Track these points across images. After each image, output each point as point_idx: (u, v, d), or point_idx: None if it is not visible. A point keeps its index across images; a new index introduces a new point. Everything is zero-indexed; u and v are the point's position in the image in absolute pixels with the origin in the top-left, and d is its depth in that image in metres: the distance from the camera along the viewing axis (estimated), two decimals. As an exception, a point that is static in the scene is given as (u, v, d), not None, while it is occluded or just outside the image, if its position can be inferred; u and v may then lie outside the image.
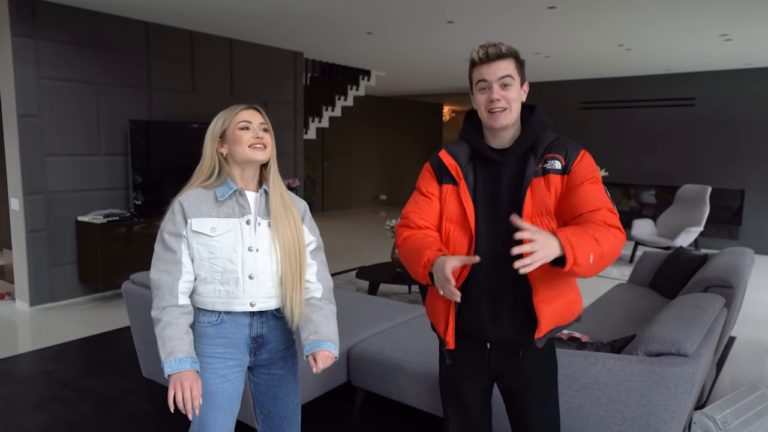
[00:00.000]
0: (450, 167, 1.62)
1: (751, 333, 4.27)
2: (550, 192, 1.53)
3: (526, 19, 4.88)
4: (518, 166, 1.58)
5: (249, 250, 1.61)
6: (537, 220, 1.52)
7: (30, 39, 4.47)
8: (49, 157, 4.65)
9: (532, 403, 1.67)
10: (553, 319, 1.56)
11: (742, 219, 7.61)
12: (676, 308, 2.40)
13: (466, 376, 1.70)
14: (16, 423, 2.81)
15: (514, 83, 1.53)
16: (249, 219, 1.63)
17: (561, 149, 1.56)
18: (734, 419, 2.28)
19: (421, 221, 1.64)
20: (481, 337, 1.62)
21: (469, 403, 1.72)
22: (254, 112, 1.65)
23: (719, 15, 4.65)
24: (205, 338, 1.64)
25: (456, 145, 1.67)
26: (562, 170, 1.54)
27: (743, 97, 7.50)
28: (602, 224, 1.45)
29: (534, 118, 1.60)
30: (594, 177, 1.53)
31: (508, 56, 1.53)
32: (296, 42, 6.22)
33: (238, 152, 1.62)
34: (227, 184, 1.64)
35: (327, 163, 11.31)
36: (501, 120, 1.54)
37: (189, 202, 1.61)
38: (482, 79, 1.54)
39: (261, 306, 1.64)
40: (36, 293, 4.68)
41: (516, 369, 1.64)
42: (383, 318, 3.23)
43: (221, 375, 1.64)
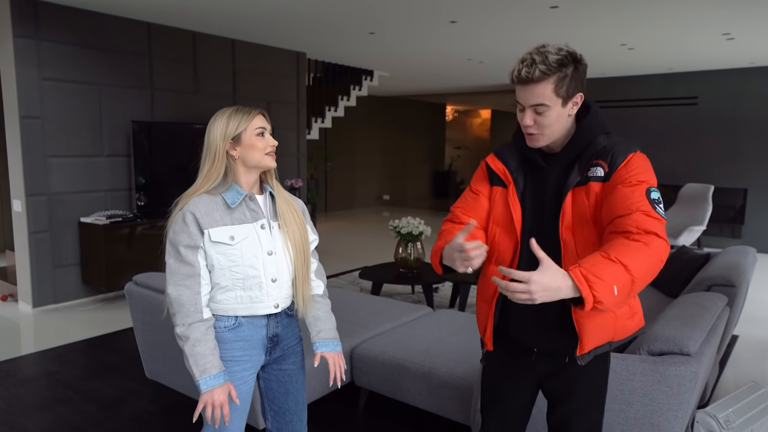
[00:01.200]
0: (498, 172, 1.57)
1: (753, 332, 4.26)
2: (589, 201, 1.44)
3: (528, 18, 4.88)
4: (563, 174, 1.50)
5: (268, 254, 1.63)
6: (577, 231, 1.45)
7: (32, 40, 4.49)
8: (51, 158, 4.66)
9: (574, 410, 1.59)
10: (597, 336, 1.47)
11: (745, 218, 7.59)
12: (679, 307, 2.40)
13: (507, 381, 1.65)
14: (19, 425, 2.82)
15: (548, 110, 1.40)
16: (263, 223, 1.64)
17: (606, 155, 1.44)
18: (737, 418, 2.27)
19: (465, 217, 1.59)
20: (527, 343, 1.57)
21: (510, 408, 1.66)
22: (264, 119, 1.67)
23: (722, 14, 4.64)
24: (223, 343, 1.63)
25: (506, 148, 1.61)
26: (604, 177, 1.43)
27: (746, 96, 7.48)
28: (632, 234, 1.31)
29: (585, 123, 1.48)
30: (634, 179, 1.39)
31: (545, 78, 1.37)
32: (299, 42, 6.23)
33: (254, 158, 1.62)
34: (235, 190, 1.62)
35: (330, 164, 11.32)
36: (534, 143, 1.47)
37: (200, 212, 1.57)
38: (518, 101, 1.45)
39: (283, 305, 1.69)
40: (39, 295, 4.69)
41: (563, 374, 1.56)
42: (387, 318, 3.23)
43: (239, 378, 1.66)
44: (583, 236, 1.45)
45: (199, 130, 5.42)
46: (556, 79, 1.38)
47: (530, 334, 1.55)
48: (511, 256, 1.54)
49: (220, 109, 1.67)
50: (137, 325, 2.94)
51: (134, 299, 2.89)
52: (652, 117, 8.18)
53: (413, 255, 4.57)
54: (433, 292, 4.74)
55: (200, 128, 5.43)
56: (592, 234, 1.45)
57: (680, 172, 7.94)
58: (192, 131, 5.45)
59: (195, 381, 1.56)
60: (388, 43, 6.12)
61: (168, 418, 2.89)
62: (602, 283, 1.22)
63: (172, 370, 2.80)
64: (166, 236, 1.64)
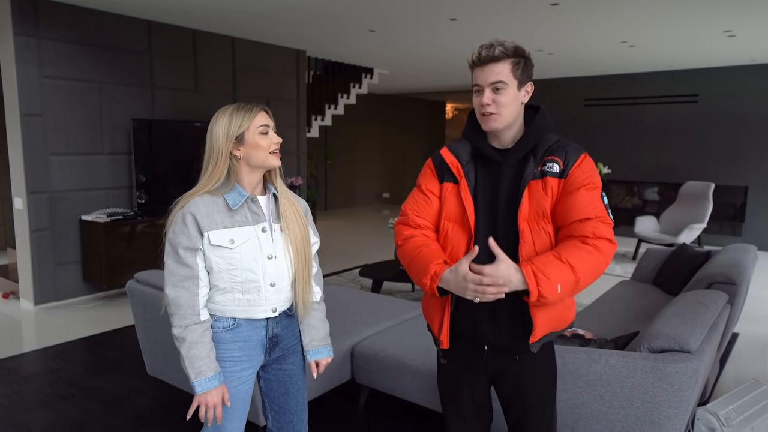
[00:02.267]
0: (451, 165, 1.60)
1: (754, 329, 4.27)
2: (547, 195, 1.51)
3: (529, 16, 4.87)
4: (518, 167, 1.56)
5: (268, 258, 1.61)
6: (534, 223, 1.52)
7: (32, 38, 4.48)
8: (52, 156, 4.66)
9: (529, 406, 1.65)
10: (547, 325, 1.55)
11: (745, 216, 7.59)
12: (680, 305, 2.41)
13: (464, 378, 1.68)
14: (21, 422, 2.83)
15: (507, 87, 1.50)
16: (264, 227, 1.61)
17: (560, 152, 1.53)
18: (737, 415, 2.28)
19: (420, 220, 1.64)
20: (478, 340, 1.61)
21: (468, 407, 1.70)
22: (267, 115, 1.63)
23: (723, 11, 4.63)
24: (221, 343, 1.62)
25: (458, 143, 1.65)
26: (559, 174, 1.52)
27: (747, 94, 7.47)
28: (587, 239, 1.45)
29: (537, 120, 1.57)
30: (591, 183, 1.51)
31: (503, 59, 1.49)
32: (299, 40, 6.23)
33: (258, 157, 1.58)
34: (237, 191, 1.59)
35: (330, 162, 11.32)
36: (490, 124, 1.53)
37: (201, 213, 1.54)
38: (476, 83, 1.53)
39: (281, 309, 1.67)
40: (40, 292, 4.70)
41: (513, 371, 1.62)
42: (387, 316, 3.24)
43: (237, 378, 1.64)
44: (539, 227, 1.51)
45: (199, 128, 5.46)
46: (512, 61, 1.50)
47: (483, 329, 1.59)
48: (465, 250, 1.56)
49: (221, 108, 1.62)
50: (139, 322, 2.95)
51: (136, 297, 2.89)
52: (653, 115, 8.17)
53: (414, 253, 4.57)
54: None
55: (200, 126, 5.45)
56: (548, 226, 1.52)
57: (681, 170, 7.94)
58: (192, 129, 5.45)
59: (190, 382, 1.56)
60: (389, 40, 6.12)
61: (169, 415, 2.90)
62: (548, 281, 1.40)
63: (173, 367, 2.81)
64: (165, 236, 1.60)
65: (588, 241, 1.46)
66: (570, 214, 1.49)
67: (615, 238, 1.49)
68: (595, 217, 1.48)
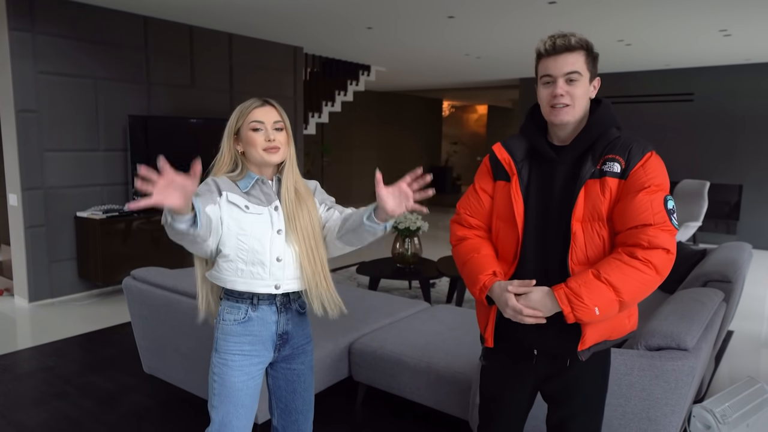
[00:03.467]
0: (503, 161, 1.55)
1: (748, 327, 4.29)
2: (605, 197, 1.42)
3: (527, 14, 4.87)
4: (574, 165, 1.47)
5: (278, 233, 1.60)
6: (588, 225, 1.43)
7: (28, 33, 4.45)
8: (47, 152, 4.63)
9: (574, 413, 1.57)
10: (598, 333, 1.47)
11: (740, 214, 7.62)
12: (676, 303, 2.41)
13: (509, 382, 1.62)
14: (16, 419, 2.81)
15: (581, 79, 1.43)
16: (277, 205, 1.62)
17: (623, 150, 1.42)
18: (733, 412, 2.29)
19: (472, 219, 1.62)
20: (526, 343, 1.55)
21: (510, 410, 1.64)
22: (268, 110, 1.60)
23: (719, 11, 4.65)
24: (232, 336, 1.62)
25: (514, 139, 1.58)
26: (620, 174, 1.41)
27: (742, 93, 7.50)
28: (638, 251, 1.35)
29: (598, 114, 1.48)
30: (653, 185, 1.39)
31: (578, 49, 1.43)
32: (296, 37, 6.21)
33: (253, 154, 1.60)
34: (248, 176, 1.62)
35: (326, 159, 11.30)
36: (562, 116, 1.44)
37: (222, 182, 1.59)
38: (547, 74, 1.45)
39: (285, 288, 1.63)
40: (35, 289, 4.68)
41: (562, 375, 1.54)
42: (384, 313, 3.24)
43: (246, 373, 1.63)
44: (592, 231, 1.44)
45: (196, 124, 5.45)
46: (586, 52, 1.45)
47: (530, 333, 1.52)
48: (513, 251, 1.53)
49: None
50: (135, 319, 2.94)
51: (132, 294, 2.88)
52: (648, 113, 8.19)
53: (410, 250, 4.58)
54: (430, 287, 4.75)
55: (196, 123, 5.44)
56: (603, 230, 1.44)
57: (676, 169, 7.97)
58: (189, 126, 5.42)
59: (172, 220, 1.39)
60: (386, 38, 6.11)
61: (166, 412, 2.89)
62: (583, 305, 1.36)
63: (169, 365, 2.80)
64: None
65: (637, 254, 1.35)
66: (627, 219, 1.39)
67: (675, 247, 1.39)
68: (654, 223, 1.36)
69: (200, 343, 2.56)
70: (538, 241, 1.50)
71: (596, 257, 1.44)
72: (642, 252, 1.36)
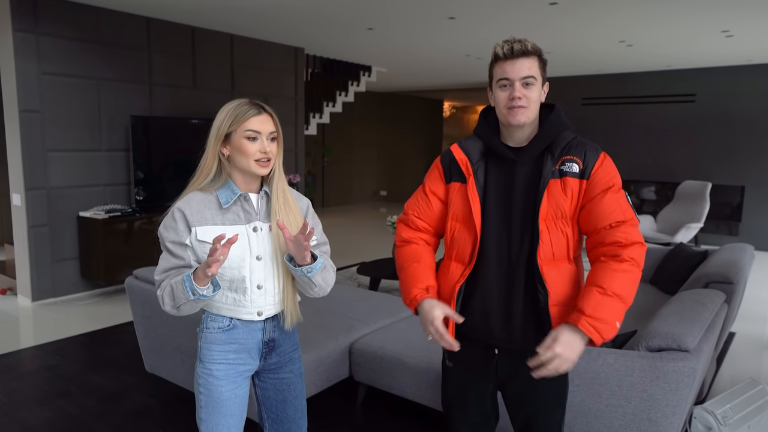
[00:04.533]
0: (461, 162, 1.57)
1: (750, 329, 4.29)
2: (567, 195, 1.49)
3: (528, 15, 4.87)
4: (534, 166, 1.52)
5: (257, 259, 1.54)
6: (551, 223, 1.49)
7: (31, 34, 4.47)
8: (50, 152, 4.65)
9: (537, 411, 1.60)
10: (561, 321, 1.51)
11: (742, 215, 7.62)
12: (677, 304, 2.42)
13: (472, 384, 1.64)
14: (19, 418, 2.82)
15: (536, 83, 1.49)
16: (256, 226, 1.55)
17: (579, 151, 1.50)
18: (734, 414, 2.29)
19: (419, 222, 1.65)
20: (489, 342, 1.57)
21: (476, 413, 1.66)
22: (266, 118, 1.52)
23: (721, 11, 4.65)
24: (216, 344, 1.57)
25: (469, 140, 1.61)
26: (579, 174, 1.49)
27: (744, 94, 7.49)
28: (622, 251, 1.43)
29: (553, 117, 1.54)
30: (615, 185, 1.49)
31: (533, 54, 1.48)
32: (297, 38, 6.22)
33: (242, 163, 1.52)
34: (230, 188, 1.54)
35: (327, 159, 11.31)
36: (519, 117, 1.49)
37: (191, 209, 1.51)
38: (505, 77, 1.48)
39: (267, 314, 1.59)
40: (38, 288, 4.69)
41: (524, 375, 1.54)
42: (385, 313, 3.24)
43: (233, 382, 1.58)
44: (557, 228, 1.49)
45: (198, 125, 5.46)
46: (539, 58, 1.51)
47: (493, 332, 1.55)
48: (470, 251, 1.55)
49: (231, 101, 1.56)
50: (137, 319, 2.95)
51: (134, 293, 2.89)
52: (650, 114, 8.19)
53: (412, 251, 4.57)
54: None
55: (198, 123, 5.45)
56: (567, 227, 1.50)
57: (678, 170, 7.97)
58: (190, 126, 5.44)
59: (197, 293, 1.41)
60: (387, 38, 6.11)
61: (167, 412, 2.90)
62: (607, 325, 1.41)
63: (171, 364, 2.81)
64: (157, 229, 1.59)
65: (622, 255, 1.43)
66: (599, 220, 1.47)
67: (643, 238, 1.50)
68: (625, 220, 1.46)
69: (202, 342, 2.57)
70: (501, 240, 1.53)
71: (561, 253, 1.50)
72: (624, 251, 1.44)
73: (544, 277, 1.48)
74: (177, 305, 1.47)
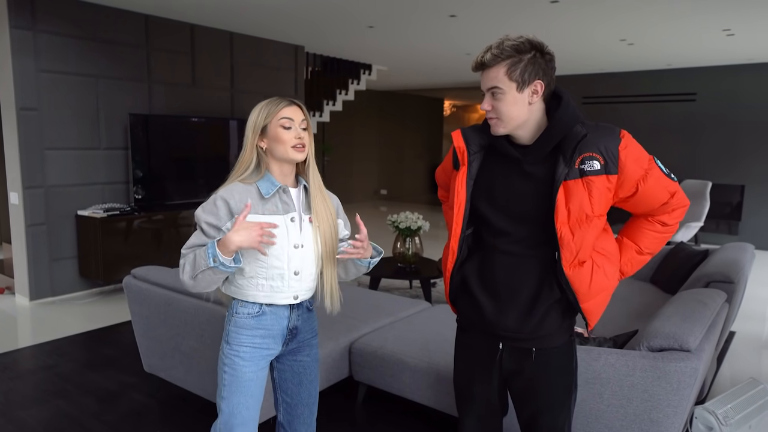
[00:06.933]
0: (458, 150, 1.55)
1: (750, 328, 4.28)
2: (592, 194, 1.41)
3: (528, 13, 4.86)
4: (544, 167, 1.45)
5: (295, 248, 1.64)
6: (577, 226, 1.42)
7: (29, 31, 4.45)
8: (48, 150, 4.63)
9: (541, 409, 1.59)
10: (599, 312, 1.56)
11: (742, 214, 7.61)
12: (678, 304, 2.40)
13: (478, 376, 1.65)
14: (17, 418, 2.81)
15: (503, 92, 1.40)
16: (294, 216, 1.65)
17: (595, 145, 1.40)
18: (735, 414, 2.28)
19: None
20: (489, 331, 1.57)
21: (483, 404, 1.67)
22: (296, 109, 1.64)
23: (721, 9, 4.63)
24: (245, 329, 1.67)
25: (474, 129, 1.57)
26: (603, 170, 1.40)
27: (744, 92, 7.48)
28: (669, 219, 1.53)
29: (559, 114, 1.43)
30: (648, 166, 1.45)
31: (495, 63, 1.39)
32: (297, 35, 6.20)
33: (279, 150, 1.62)
34: (269, 180, 1.64)
35: (327, 158, 11.29)
36: (494, 129, 1.46)
37: (235, 199, 1.59)
38: (481, 88, 1.48)
39: (303, 297, 1.71)
40: (36, 288, 4.67)
41: (527, 371, 1.56)
42: (385, 313, 3.23)
43: (257, 364, 1.68)
44: (582, 230, 1.43)
45: (197, 123, 5.44)
46: (508, 63, 1.39)
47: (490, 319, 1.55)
48: (457, 241, 1.56)
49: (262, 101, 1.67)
50: (135, 318, 2.93)
51: (133, 293, 2.88)
52: (650, 113, 8.18)
53: (411, 250, 4.57)
54: (431, 287, 4.74)
55: (197, 121, 5.44)
56: (596, 228, 1.45)
57: (678, 169, 7.95)
58: (190, 124, 5.42)
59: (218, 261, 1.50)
60: (388, 37, 6.09)
61: (166, 411, 2.88)
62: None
63: (170, 364, 2.80)
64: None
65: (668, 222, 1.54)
66: (648, 205, 1.51)
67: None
68: (671, 195, 1.50)
69: (200, 342, 2.56)
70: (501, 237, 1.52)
71: (585, 253, 1.46)
72: (670, 218, 1.54)
73: (571, 281, 1.46)
74: (195, 273, 1.54)
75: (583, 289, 1.48)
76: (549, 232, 1.45)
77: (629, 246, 1.58)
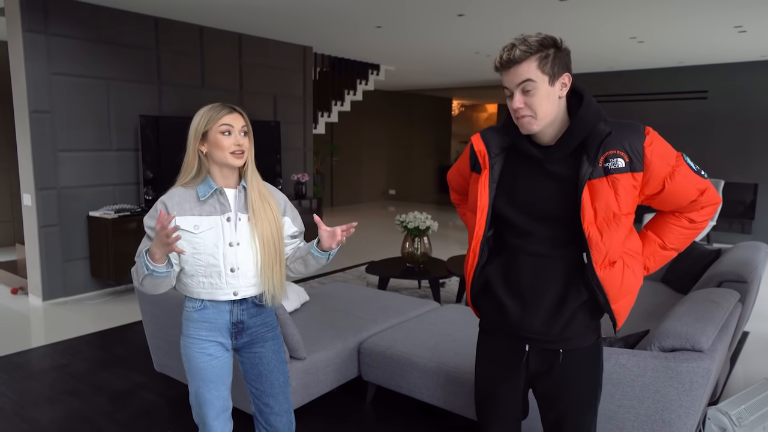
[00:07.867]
0: (479, 153, 1.53)
1: (764, 328, 4.23)
2: (618, 193, 1.40)
3: (538, 11, 4.83)
4: (568, 166, 1.44)
5: (230, 246, 1.72)
6: (605, 225, 1.40)
7: (41, 35, 4.49)
8: (60, 152, 4.68)
9: (568, 411, 1.56)
10: (627, 311, 1.54)
11: (755, 213, 7.52)
12: (691, 303, 2.38)
13: (502, 381, 1.62)
14: (30, 417, 2.84)
15: (536, 86, 1.38)
16: (229, 216, 1.74)
17: (619, 144, 1.39)
18: (749, 415, 2.25)
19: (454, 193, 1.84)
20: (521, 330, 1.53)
21: (507, 409, 1.64)
22: (237, 116, 1.71)
23: (733, 6, 4.58)
24: (191, 321, 1.79)
25: (493, 131, 1.55)
26: (628, 167, 1.39)
27: (757, 90, 7.40)
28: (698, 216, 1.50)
29: (582, 112, 1.41)
30: (675, 162, 1.42)
31: (525, 58, 1.37)
32: (305, 36, 6.21)
33: (219, 156, 1.70)
34: (208, 183, 1.74)
35: (336, 158, 11.31)
36: (527, 127, 1.43)
37: (173, 202, 1.72)
38: (504, 86, 1.44)
39: (243, 294, 1.77)
40: (48, 288, 4.72)
41: (554, 372, 1.54)
42: (394, 313, 3.23)
43: (207, 353, 1.79)
44: (610, 229, 1.41)
45: (207, 124, 5.45)
46: (538, 57, 1.38)
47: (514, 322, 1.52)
48: (479, 244, 1.54)
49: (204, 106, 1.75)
50: (146, 318, 2.95)
51: (143, 293, 2.89)
52: (662, 111, 8.11)
53: (420, 250, 4.56)
54: (440, 287, 4.73)
55: (208, 122, 5.45)
56: (625, 227, 1.44)
57: (690, 167, 7.88)
58: (199, 125, 5.44)
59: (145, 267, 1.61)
60: (396, 36, 6.09)
61: (177, 411, 2.90)
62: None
63: (180, 363, 2.81)
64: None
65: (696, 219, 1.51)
66: (677, 202, 1.49)
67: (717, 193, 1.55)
68: (701, 192, 1.46)
69: (211, 342, 2.57)
70: (534, 244, 1.49)
71: (615, 253, 1.44)
72: (699, 215, 1.50)
73: (603, 282, 1.44)
74: (140, 279, 1.68)
75: (614, 290, 1.45)
76: (574, 232, 1.44)
77: (652, 240, 1.56)
